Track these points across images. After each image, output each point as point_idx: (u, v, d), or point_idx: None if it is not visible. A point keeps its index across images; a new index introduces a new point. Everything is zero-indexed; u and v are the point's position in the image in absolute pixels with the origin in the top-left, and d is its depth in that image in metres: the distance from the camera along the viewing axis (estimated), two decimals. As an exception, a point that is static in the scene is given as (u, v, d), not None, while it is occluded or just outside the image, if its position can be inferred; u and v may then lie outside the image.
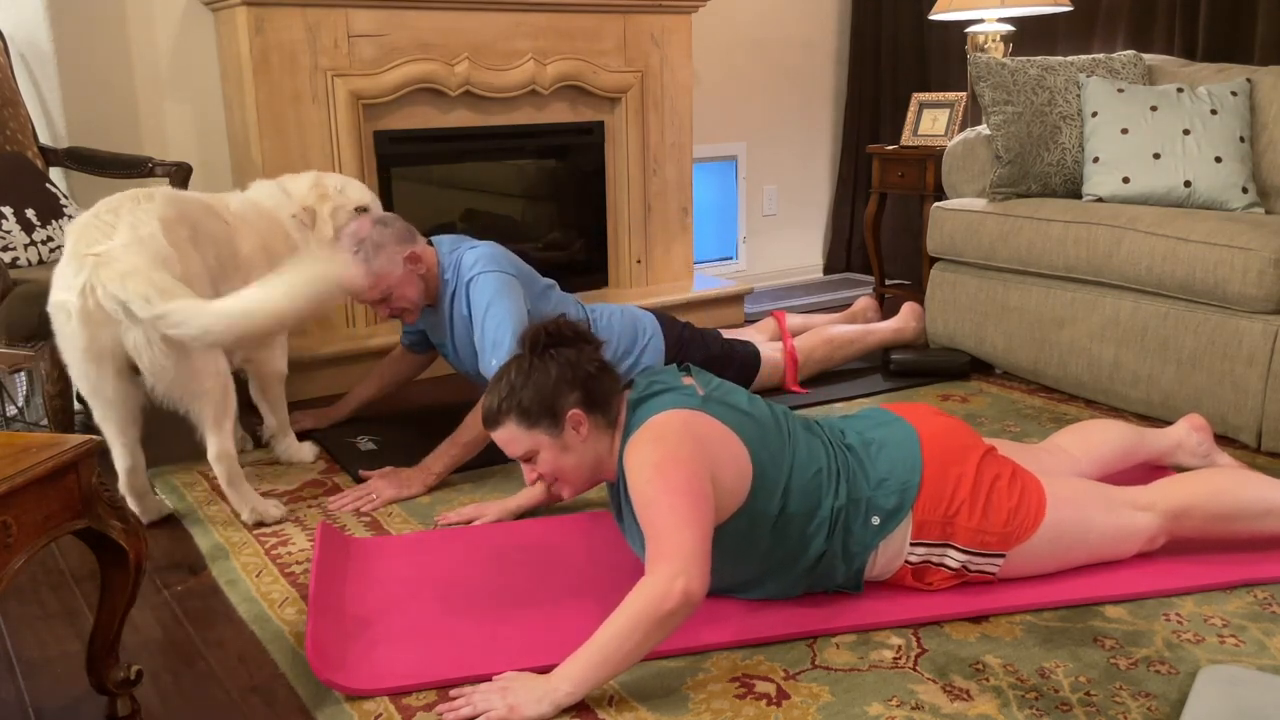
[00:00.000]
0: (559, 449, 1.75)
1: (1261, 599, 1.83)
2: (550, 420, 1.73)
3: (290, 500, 2.38)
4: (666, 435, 1.67)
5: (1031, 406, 2.93)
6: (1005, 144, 3.07)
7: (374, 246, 2.47)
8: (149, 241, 2.07)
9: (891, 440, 1.85)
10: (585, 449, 1.76)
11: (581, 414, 1.73)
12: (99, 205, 2.16)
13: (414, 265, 2.51)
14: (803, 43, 4.73)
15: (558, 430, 1.73)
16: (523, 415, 1.73)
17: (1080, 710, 1.53)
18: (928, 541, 1.80)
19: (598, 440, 1.77)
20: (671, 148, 3.96)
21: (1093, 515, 1.87)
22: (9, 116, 2.85)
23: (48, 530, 1.41)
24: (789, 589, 1.82)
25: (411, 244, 2.52)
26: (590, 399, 1.75)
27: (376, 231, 2.49)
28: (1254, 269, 2.47)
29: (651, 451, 1.66)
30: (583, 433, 1.74)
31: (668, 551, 1.57)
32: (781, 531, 1.75)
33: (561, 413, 1.73)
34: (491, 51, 3.50)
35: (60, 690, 1.67)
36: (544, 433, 1.74)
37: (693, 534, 1.58)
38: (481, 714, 1.52)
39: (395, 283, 2.50)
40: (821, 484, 1.78)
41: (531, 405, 1.72)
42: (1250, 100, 2.98)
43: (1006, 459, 1.89)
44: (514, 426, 1.75)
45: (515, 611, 1.83)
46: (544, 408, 1.72)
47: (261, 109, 3.15)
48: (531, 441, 1.75)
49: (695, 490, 1.62)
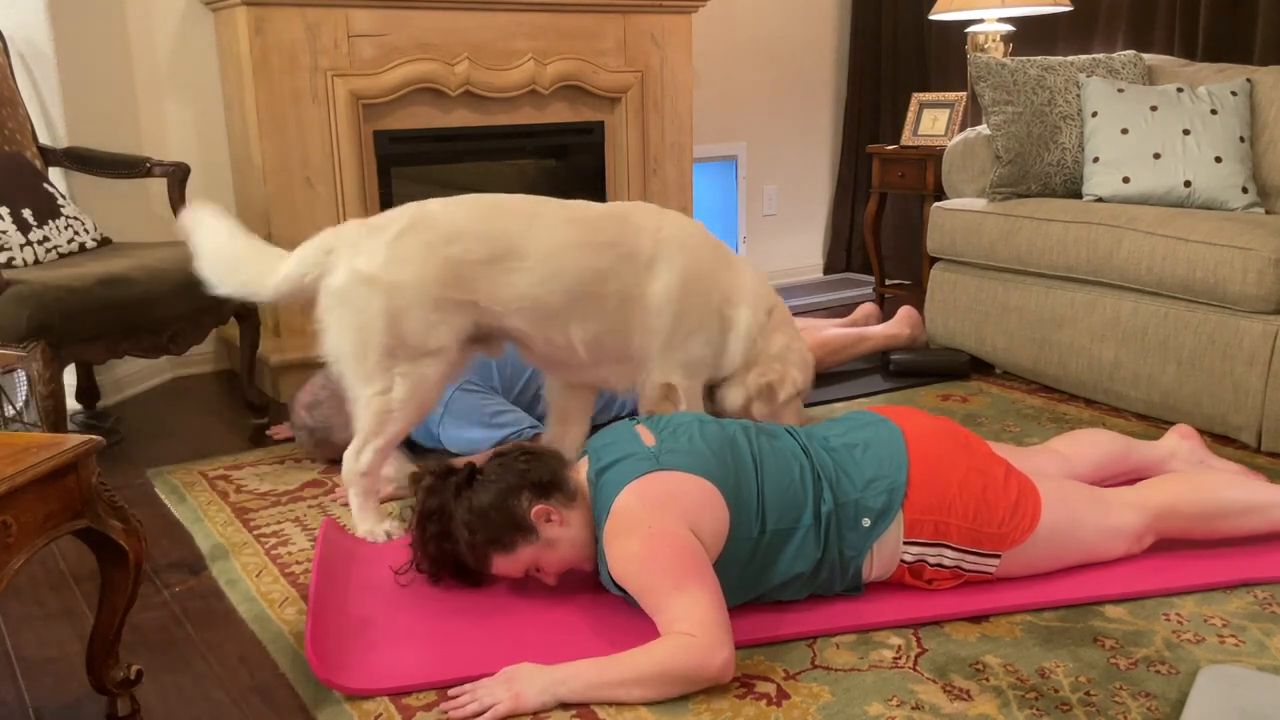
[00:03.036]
0: (549, 549, 1.76)
1: (1261, 599, 1.83)
2: (523, 532, 1.74)
3: (290, 500, 2.38)
4: (637, 521, 1.66)
5: (1031, 406, 2.93)
6: (1005, 144, 3.07)
7: (325, 430, 2.49)
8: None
9: (876, 441, 1.85)
10: (568, 531, 1.76)
11: (544, 507, 1.74)
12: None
13: None
14: (803, 43, 4.73)
15: (535, 536, 1.74)
16: (498, 546, 1.75)
17: (1080, 710, 1.53)
18: (921, 540, 1.80)
19: (575, 520, 1.77)
20: (671, 148, 3.96)
21: (1083, 515, 1.88)
22: (8, 116, 2.84)
23: (48, 530, 1.41)
24: (789, 596, 1.81)
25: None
26: (540, 489, 1.75)
27: (316, 416, 2.50)
28: (1254, 269, 2.47)
29: (631, 543, 1.64)
30: (557, 521, 1.75)
31: (700, 624, 1.56)
32: (769, 550, 1.75)
33: (526, 519, 1.73)
34: (491, 51, 3.50)
35: (60, 690, 1.67)
36: (527, 546, 1.75)
37: (711, 604, 1.58)
38: (488, 708, 1.53)
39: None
40: (796, 494, 1.77)
41: (497, 533, 1.74)
42: (1250, 100, 2.98)
43: (999, 458, 1.89)
44: (501, 560, 1.77)
45: (515, 612, 1.83)
46: (508, 526, 1.73)
47: (261, 109, 3.15)
48: (516, 559, 1.76)
49: (690, 560, 1.61)
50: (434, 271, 2.05)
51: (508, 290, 2.11)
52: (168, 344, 2.59)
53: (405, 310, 2.03)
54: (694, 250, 2.27)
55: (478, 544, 1.75)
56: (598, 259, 2.16)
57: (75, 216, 2.76)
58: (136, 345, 2.51)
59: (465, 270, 2.08)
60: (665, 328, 2.23)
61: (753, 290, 2.34)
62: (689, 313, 2.24)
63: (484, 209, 2.16)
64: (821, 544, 1.76)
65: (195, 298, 2.62)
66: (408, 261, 2.04)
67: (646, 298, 2.21)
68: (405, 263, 2.04)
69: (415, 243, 2.06)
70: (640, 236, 2.21)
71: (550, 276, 2.13)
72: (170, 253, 2.72)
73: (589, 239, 2.17)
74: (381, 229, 2.08)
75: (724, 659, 1.55)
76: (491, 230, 2.12)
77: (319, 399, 2.50)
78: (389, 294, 2.02)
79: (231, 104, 3.34)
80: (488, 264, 2.10)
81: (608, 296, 2.18)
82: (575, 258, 2.15)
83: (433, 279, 2.05)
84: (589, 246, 2.16)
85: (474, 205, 2.16)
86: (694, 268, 2.25)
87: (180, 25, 3.32)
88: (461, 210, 2.14)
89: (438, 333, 2.07)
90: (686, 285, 2.23)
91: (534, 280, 2.12)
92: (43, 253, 2.61)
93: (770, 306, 2.37)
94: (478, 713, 1.53)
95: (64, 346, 2.34)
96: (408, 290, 2.03)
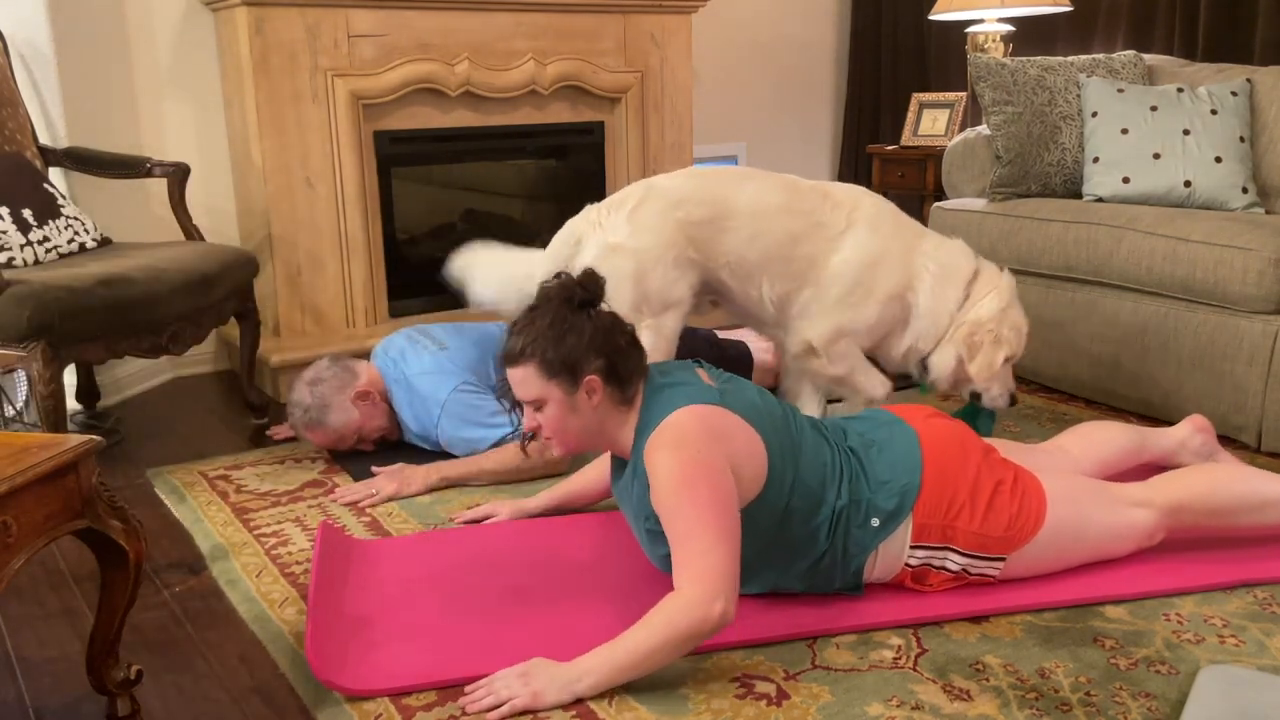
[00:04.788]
0: (567, 408, 1.74)
1: (1261, 599, 1.83)
2: (569, 378, 1.72)
3: (290, 500, 2.38)
4: (687, 439, 1.66)
5: (1031, 406, 2.92)
6: (1005, 144, 3.07)
7: (320, 409, 2.50)
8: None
9: (892, 442, 1.85)
10: (592, 416, 1.75)
11: (599, 382, 1.72)
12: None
13: (364, 400, 2.54)
14: (803, 43, 4.73)
15: (573, 390, 1.72)
16: (544, 365, 1.72)
17: (1080, 710, 1.53)
18: (928, 544, 1.80)
19: (607, 412, 1.76)
20: (671, 148, 3.96)
21: (1090, 512, 1.87)
22: (8, 116, 2.84)
23: (48, 530, 1.41)
24: (784, 583, 1.82)
25: (353, 382, 2.54)
26: (613, 371, 1.74)
27: (315, 393, 2.51)
28: (1254, 269, 2.47)
29: (675, 459, 1.64)
30: (595, 400, 1.73)
31: (703, 573, 1.58)
32: (784, 525, 1.75)
33: (581, 375, 1.72)
34: (491, 51, 3.50)
35: (60, 690, 1.67)
36: (559, 388, 1.72)
37: (724, 554, 1.59)
38: (505, 702, 1.53)
39: (358, 425, 2.54)
40: (825, 482, 1.78)
41: (555, 359, 1.71)
42: (1250, 100, 2.98)
43: (1008, 462, 1.89)
44: (532, 372, 1.73)
45: (516, 612, 1.83)
46: (566, 365, 1.71)
47: (261, 109, 3.15)
48: (543, 391, 1.73)
49: (721, 503, 1.63)
50: (669, 235, 2.36)
51: (720, 247, 2.41)
52: (168, 344, 2.58)
53: (649, 270, 2.35)
54: (881, 233, 2.44)
55: (534, 350, 1.72)
56: (794, 224, 2.41)
57: (75, 216, 2.76)
58: (136, 345, 2.51)
59: (691, 230, 2.39)
60: (832, 295, 2.42)
61: (946, 267, 2.45)
62: (859, 287, 2.41)
63: (702, 177, 2.49)
64: (829, 536, 1.77)
65: (195, 298, 2.63)
66: (647, 229, 2.36)
67: (829, 266, 2.42)
68: (645, 230, 2.36)
69: (650, 211, 2.37)
70: (836, 212, 2.43)
71: (754, 236, 2.40)
72: (170, 253, 2.72)
73: (790, 205, 2.42)
74: (619, 205, 2.41)
75: (720, 609, 1.56)
76: (710, 194, 2.42)
77: (322, 376, 2.53)
78: (635, 258, 2.34)
79: (231, 104, 3.34)
80: (708, 224, 2.40)
81: (796, 259, 2.42)
82: (775, 221, 2.41)
83: (669, 241, 2.36)
84: (789, 212, 2.41)
85: (693, 174, 2.51)
86: (876, 248, 2.42)
87: (180, 25, 3.32)
88: (684, 180, 2.46)
89: (677, 287, 2.39)
90: (864, 263, 2.41)
91: (741, 239, 2.40)
92: (43, 253, 2.61)
93: (970, 277, 2.45)
94: (494, 706, 1.53)
95: (64, 346, 2.34)
96: (650, 253, 2.35)
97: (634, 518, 1.83)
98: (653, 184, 2.45)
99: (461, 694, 1.58)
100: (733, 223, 2.40)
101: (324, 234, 3.31)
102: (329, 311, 3.37)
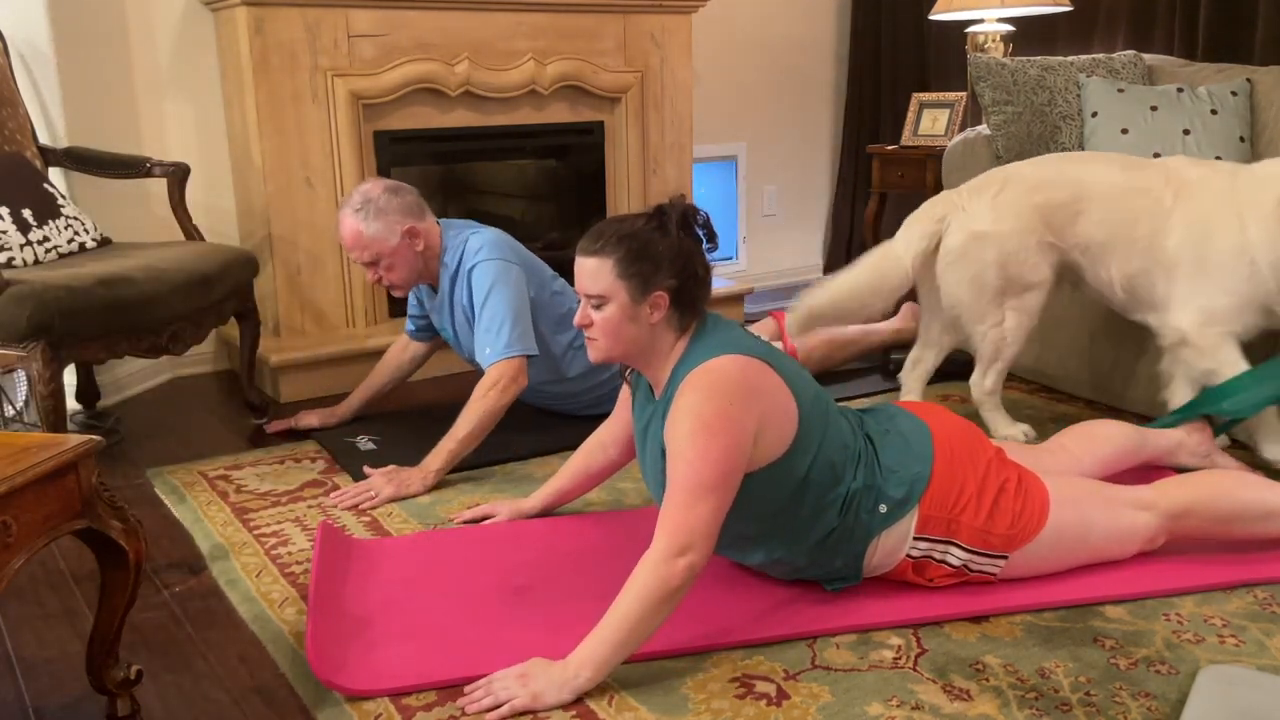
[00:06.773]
0: (628, 314, 1.72)
1: (1261, 599, 1.83)
2: (640, 285, 1.71)
3: (290, 500, 2.38)
4: (723, 387, 1.66)
5: (1031, 406, 2.93)
6: (1005, 144, 3.07)
7: (377, 211, 2.49)
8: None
9: (904, 434, 1.87)
10: (645, 332, 1.74)
11: (666, 300, 1.72)
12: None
13: (411, 239, 2.53)
14: (803, 43, 4.73)
15: (640, 299, 1.71)
16: (620, 263, 1.70)
17: (1080, 710, 1.53)
18: (931, 537, 1.80)
19: (661, 333, 1.75)
20: (671, 148, 3.96)
21: (1093, 515, 1.87)
22: (8, 116, 2.84)
23: (48, 530, 1.41)
24: (788, 557, 1.82)
25: (417, 219, 2.54)
26: (682, 294, 1.73)
27: (385, 197, 2.51)
28: (1254, 269, 2.46)
29: (705, 404, 1.64)
30: (655, 317, 1.73)
31: (679, 525, 1.60)
32: (801, 495, 1.76)
33: (653, 287, 1.71)
34: (491, 51, 3.50)
35: (60, 690, 1.67)
36: (626, 291, 1.71)
37: (707, 510, 1.61)
38: (504, 703, 1.53)
39: (387, 251, 2.52)
40: (846, 462, 1.79)
41: (636, 261, 1.70)
42: (1250, 100, 2.98)
43: (1014, 462, 1.89)
44: (608, 265, 1.71)
45: (515, 612, 1.83)
46: (643, 272, 1.70)
47: (261, 109, 3.15)
48: (610, 289, 1.72)
49: (729, 462, 1.63)
50: (1029, 220, 2.45)
51: (1073, 228, 2.46)
52: (167, 344, 2.58)
53: (1013, 255, 2.45)
54: (1203, 201, 2.34)
55: (617, 246, 1.71)
56: (1134, 202, 2.40)
57: (75, 216, 2.76)
58: (136, 345, 2.51)
59: (1049, 214, 2.46)
60: (1180, 275, 2.36)
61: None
62: (1202, 261, 2.32)
63: (1056, 162, 2.54)
64: (840, 515, 1.77)
65: (195, 298, 2.63)
66: (1010, 215, 2.46)
67: (1167, 246, 2.36)
68: (1008, 216, 2.46)
69: (1011, 197, 2.48)
70: (1167, 187, 2.39)
71: (1103, 217, 2.43)
72: (170, 253, 2.72)
73: (1131, 184, 2.42)
74: (981, 190, 2.52)
75: (687, 562, 1.58)
76: (1065, 177, 2.48)
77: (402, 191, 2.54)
78: (1000, 243, 2.45)
79: (231, 104, 3.34)
80: (1064, 207, 2.46)
81: (1138, 239, 2.39)
82: (1120, 201, 2.42)
83: (1029, 226, 2.45)
84: (1131, 191, 2.41)
85: (1046, 160, 2.56)
86: (1201, 217, 2.33)
87: (180, 25, 3.32)
88: (1039, 165, 2.53)
89: (1039, 269, 2.48)
90: (1192, 233, 2.33)
91: (1092, 220, 2.44)
92: (43, 253, 2.61)
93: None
94: (493, 707, 1.53)
95: (64, 346, 2.34)
96: (1014, 238, 2.45)
97: (649, 453, 1.83)
98: (1011, 169, 2.54)
99: (461, 694, 1.59)
100: (1086, 205, 2.44)
101: (324, 234, 3.31)
102: (329, 311, 3.37)
